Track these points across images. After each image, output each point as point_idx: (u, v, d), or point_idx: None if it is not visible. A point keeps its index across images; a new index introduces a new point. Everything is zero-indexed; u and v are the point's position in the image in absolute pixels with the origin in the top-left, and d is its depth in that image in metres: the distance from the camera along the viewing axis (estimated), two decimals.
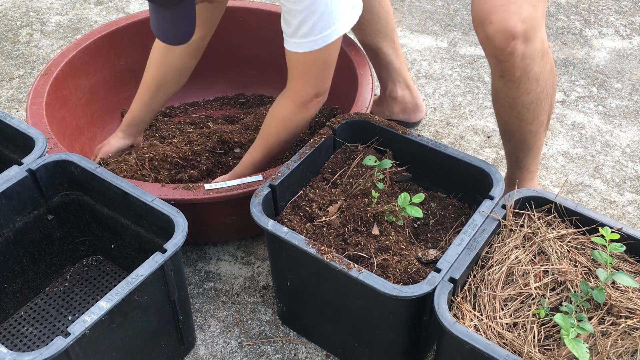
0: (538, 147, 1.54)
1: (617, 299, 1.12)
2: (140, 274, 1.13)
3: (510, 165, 1.62)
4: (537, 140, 1.51)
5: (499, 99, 1.43)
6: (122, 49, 1.94)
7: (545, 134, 1.54)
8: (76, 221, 1.49)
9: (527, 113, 1.42)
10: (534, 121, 1.45)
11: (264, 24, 2.00)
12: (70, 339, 1.04)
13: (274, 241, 1.28)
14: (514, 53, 1.29)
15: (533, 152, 1.54)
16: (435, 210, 1.42)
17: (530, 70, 1.33)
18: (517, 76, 1.34)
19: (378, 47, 1.87)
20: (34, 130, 1.41)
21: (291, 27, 1.32)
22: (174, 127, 1.94)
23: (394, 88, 1.96)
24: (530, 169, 1.59)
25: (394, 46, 1.89)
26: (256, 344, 1.46)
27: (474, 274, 1.20)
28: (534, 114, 1.43)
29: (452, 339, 1.07)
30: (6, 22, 2.59)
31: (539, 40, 1.31)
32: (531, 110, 1.42)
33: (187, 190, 1.42)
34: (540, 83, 1.37)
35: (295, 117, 1.46)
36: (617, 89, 2.23)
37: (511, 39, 1.26)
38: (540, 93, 1.39)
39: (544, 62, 1.36)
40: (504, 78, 1.36)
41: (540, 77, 1.37)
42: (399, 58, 1.92)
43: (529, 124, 1.45)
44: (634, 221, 1.76)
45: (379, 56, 1.89)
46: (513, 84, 1.36)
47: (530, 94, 1.38)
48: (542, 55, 1.34)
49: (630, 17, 2.61)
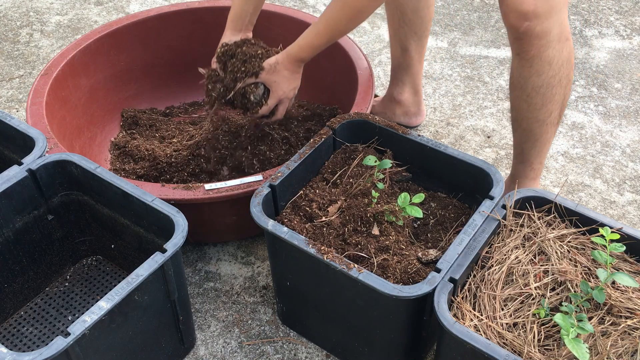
0: (544, 142, 1.54)
1: (617, 299, 1.12)
2: (140, 274, 1.13)
3: (515, 160, 1.62)
4: (544, 132, 1.51)
5: (513, 81, 1.46)
6: (122, 49, 1.94)
7: (555, 133, 1.54)
8: (76, 221, 1.49)
9: (536, 97, 1.43)
10: (542, 108, 1.45)
11: (264, 24, 2.00)
12: (70, 339, 1.04)
13: (274, 241, 1.28)
14: (528, 32, 1.32)
15: (538, 145, 1.54)
16: (435, 210, 1.42)
17: (544, 51, 1.36)
18: (531, 55, 1.36)
19: (407, 47, 1.86)
20: (34, 130, 1.41)
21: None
22: (174, 127, 1.94)
23: (401, 90, 1.96)
24: (534, 166, 1.59)
25: (421, 51, 1.88)
26: (256, 344, 1.46)
27: (474, 274, 1.20)
28: (543, 100, 1.44)
29: (452, 339, 1.07)
30: (6, 22, 2.59)
31: (556, 23, 1.33)
32: (540, 94, 1.43)
33: (187, 190, 1.42)
34: (553, 67, 1.39)
35: (368, 8, 1.38)
36: (617, 89, 2.23)
37: (524, 19, 1.30)
38: (552, 78, 1.41)
39: (561, 47, 1.37)
40: (519, 56, 1.39)
41: (553, 61, 1.38)
42: (420, 63, 1.91)
43: (537, 110, 1.46)
44: (634, 221, 1.76)
45: (403, 56, 1.88)
46: (526, 63, 1.39)
47: (541, 76, 1.40)
48: (559, 39, 1.36)
49: (630, 17, 2.61)
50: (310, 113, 1.85)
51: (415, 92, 1.97)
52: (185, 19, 2.00)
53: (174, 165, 1.69)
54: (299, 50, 1.47)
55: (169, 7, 1.99)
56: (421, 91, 1.99)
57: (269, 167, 1.66)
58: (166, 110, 2.06)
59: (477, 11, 2.65)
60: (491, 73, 2.30)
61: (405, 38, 1.83)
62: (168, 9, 1.98)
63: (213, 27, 2.03)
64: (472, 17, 2.62)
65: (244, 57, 1.52)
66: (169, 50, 2.03)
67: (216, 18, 2.02)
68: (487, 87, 2.24)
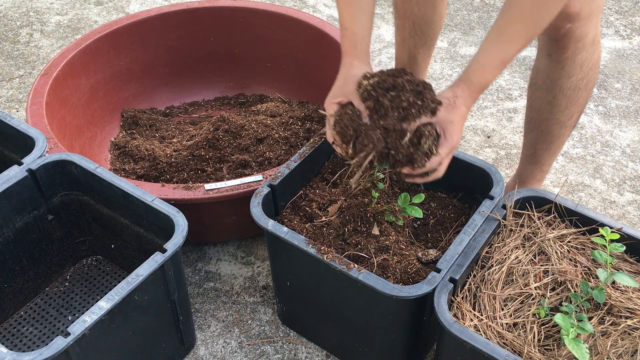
0: (558, 144, 1.53)
1: (617, 299, 1.12)
2: (140, 274, 1.13)
3: (525, 161, 1.61)
4: (561, 135, 1.50)
5: (537, 82, 1.43)
6: (122, 49, 1.94)
7: (569, 136, 1.53)
8: (76, 221, 1.49)
9: (562, 99, 1.41)
10: (565, 110, 1.44)
11: (264, 24, 2.00)
12: (70, 339, 1.04)
13: (274, 241, 1.28)
14: (568, 34, 1.28)
15: (553, 148, 1.53)
16: (435, 210, 1.42)
17: (578, 54, 1.32)
18: (565, 57, 1.34)
19: (415, 56, 1.82)
20: (34, 130, 1.41)
21: None
22: (174, 127, 1.94)
23: None
24: (544, 168, 1.58)
25: (428, 59, 1.85)
26: (256, 344, 1.46)
27: (474, 274, 1.20)
28: (568, 102, 1.42)
29: (452, 339, 1.07)
30: (6, 22, 2.59)
31: (593, 27, 1.31)
32: (567, 97, 1.41)
33: (187, 190, 1.42)
34: (583, 70, 1.37)
35: None
36: (617, 89, 2.23)
37: (567, 21, 1.26)
38: (580, 81, 1.39)
39: (592, 51, 1.35)
40: (551, 57, 1.36)
41: (584, 64, 1.36)
42: (425, 69, 1.88)
43: (560, 111, 1.44)
44: (634, 221, 1.76)
45: (409, 63, 1.85)
46: (558, 65, 1.36)
47: (571, 79, 1.38)
48: (592, 43, 1.34)
49: (630, 17, 2.61)
50: (310, 113, 1.85)
51: None
52: (185, 19, 2.00)
53: (174, 165, 1.69)
54: (484, 74, 1.12)
55: (169, 7, 1.99)
56: None
57: (269, 167, 1.66)
58: (166, 110, 2.06)
59: (477, 11, 2.65)
60: None
61: (414, 47, 1.80)
62: (168, 9, 1.98)
63: (213, 27, 2.04)
64: (472, 17, 2.62)
65: (415, 87, 1.11)
66: (169, 50, 2.03)
67: (216, 18, 2.02)
68: None
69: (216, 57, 2.08)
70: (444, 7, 1.72)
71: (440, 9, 1.72)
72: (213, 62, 2.09)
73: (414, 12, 1.72)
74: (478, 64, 1.12)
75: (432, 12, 1.70)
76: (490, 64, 1.11)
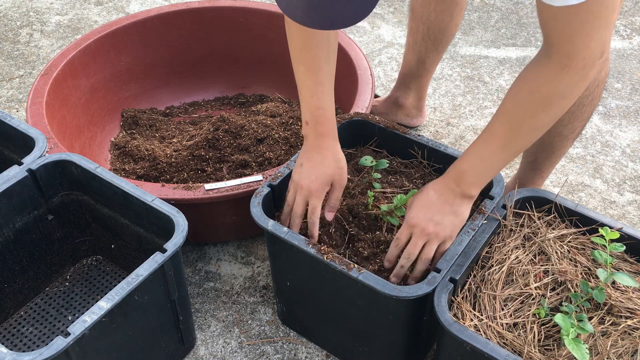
0: (559, 155, 1.52)
1: (617, 299, 1.12)
2: (140, 274, 1.13)
3: (525, 166, 1.60)
4: (562, 147, 1.49)
5: None
6: (122, 49, 1.94)
7: (571, 146, 1.52)
8: (76, 221, 1.49)
9: (565, 114, 1.34)
10: (568, 124, 1.42)
11: (264, 24, 2.00)
12: (70, 339, 1.04)
13: (274, 241, 1.28)
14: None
15: (554, 157, 1.52)
16: None
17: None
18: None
19: (424, 60, 1.82)
20: (34, 130, 1.41)
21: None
22: (174, 127, 1.94)
23: (407, 95, 1.95)
24: (544, 174, 1.58)
25: (436, 63, 1.86)
26: (256, 344, 1.46)
27: (474, 274, 1.20)
28: (571, 117, 1.40)
29: (452, 339, 1.07)
30: (6, 22, 2.59)
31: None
32: (570, 112, 1.38)
33: (187, 190, 1.42)
34: (589, 87, 1.33)
35: (573, 91, 1.06)
36: (617, 89, 2.23)
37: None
38: (585, 98, 1.36)
39: (600, 68, 1.31)
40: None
41: (591, 82, 1.31)
42: (431, 73, 1.89)
43: (563, 126, 1.42)
44: (634, 221, 1.76)
45: (417, 66, 1.85)
46: None
47: None
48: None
49: (630, 17, 2.61)
50: None
51: (419, 98, 1.96)
52: (185, 19, 2.00)
53: (174, 165, 1.69)
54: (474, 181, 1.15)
55: (169, 7, 1.99)
56: (425, 97, 1.98)
57: (269, 167, 1.66)
58: (166, 110, 2.06)
59: (477, 11, 2.65)
60: (491, 73, 2.30)
61: (425, 51, 1.79)
62: (168, 9, 1.98)
63: (213, 27, 2.04)
64: (472, 17, 2.62)
65: None
66: (169, 50, 2.03)
67: (216, 18, 2.02)
68: (487, 87, 2.24)
69: (216, 57, 2.08)
70: (460, 17, 1.72)
71: (457, 19, 1.72)
72: (213, 62, 2.09)
73: (430, 18, 1.71)
74: (467, 160, 1.15)
75: (449, 20, 1.70)
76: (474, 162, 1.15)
